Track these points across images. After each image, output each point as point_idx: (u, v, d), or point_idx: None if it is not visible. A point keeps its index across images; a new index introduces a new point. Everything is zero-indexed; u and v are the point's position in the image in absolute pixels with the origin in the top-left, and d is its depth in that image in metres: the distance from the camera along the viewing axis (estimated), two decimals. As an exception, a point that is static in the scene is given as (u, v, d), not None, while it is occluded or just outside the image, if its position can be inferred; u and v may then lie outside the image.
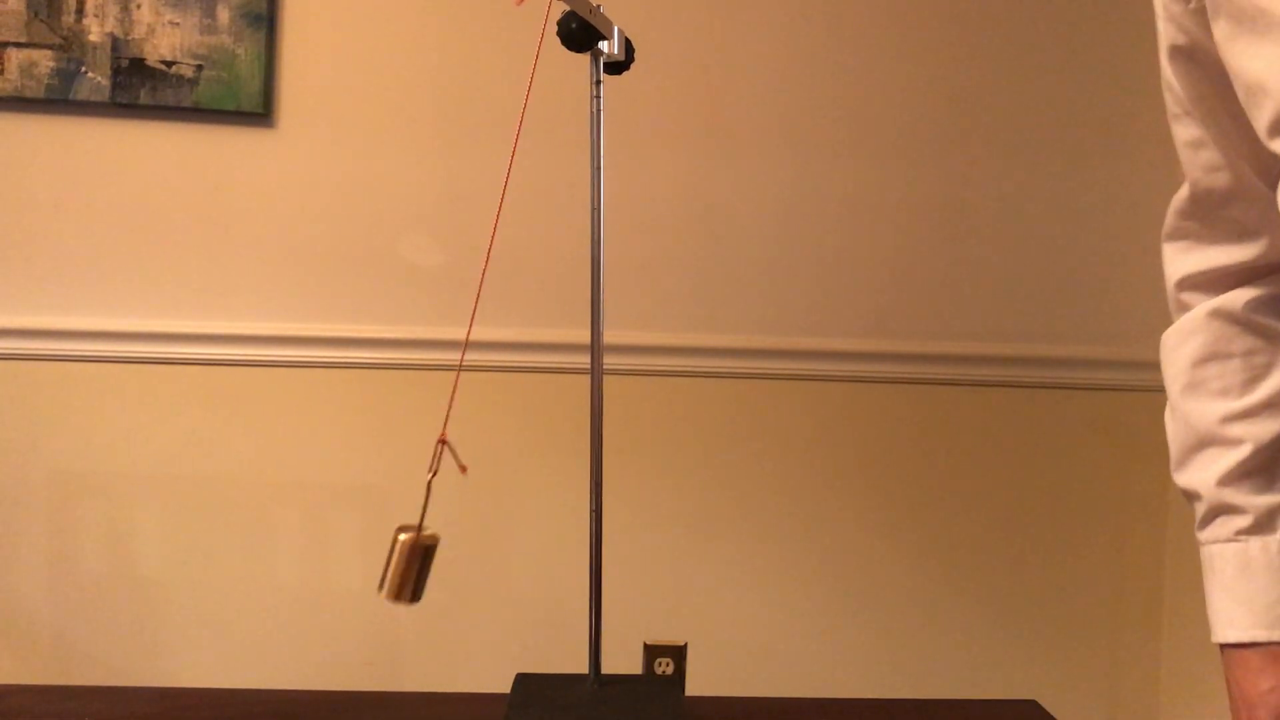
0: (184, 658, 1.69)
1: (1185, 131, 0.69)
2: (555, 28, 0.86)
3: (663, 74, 1.68)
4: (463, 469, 0.86)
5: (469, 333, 0.93)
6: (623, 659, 1.69)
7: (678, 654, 1.72)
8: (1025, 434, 1.75)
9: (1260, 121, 0.56)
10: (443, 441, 0.88)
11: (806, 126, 1.71)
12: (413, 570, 0.83)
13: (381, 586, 0.83)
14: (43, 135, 1.65)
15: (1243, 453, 0.69)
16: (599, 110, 0.91)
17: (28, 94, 1.61)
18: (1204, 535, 0.72)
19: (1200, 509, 0.72)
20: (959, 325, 1.73)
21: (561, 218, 1.68)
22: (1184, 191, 0.72)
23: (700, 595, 1.73)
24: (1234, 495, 0.69)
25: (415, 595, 0.83)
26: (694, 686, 1.11)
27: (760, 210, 1.71)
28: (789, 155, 1.71)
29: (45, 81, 1.61)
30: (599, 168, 0.91)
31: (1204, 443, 0.72)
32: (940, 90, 1.72)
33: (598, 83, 0.91)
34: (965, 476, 1.74)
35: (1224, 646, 0.69)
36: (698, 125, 1.70)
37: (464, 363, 1.69)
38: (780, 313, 1.72)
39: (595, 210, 0.91)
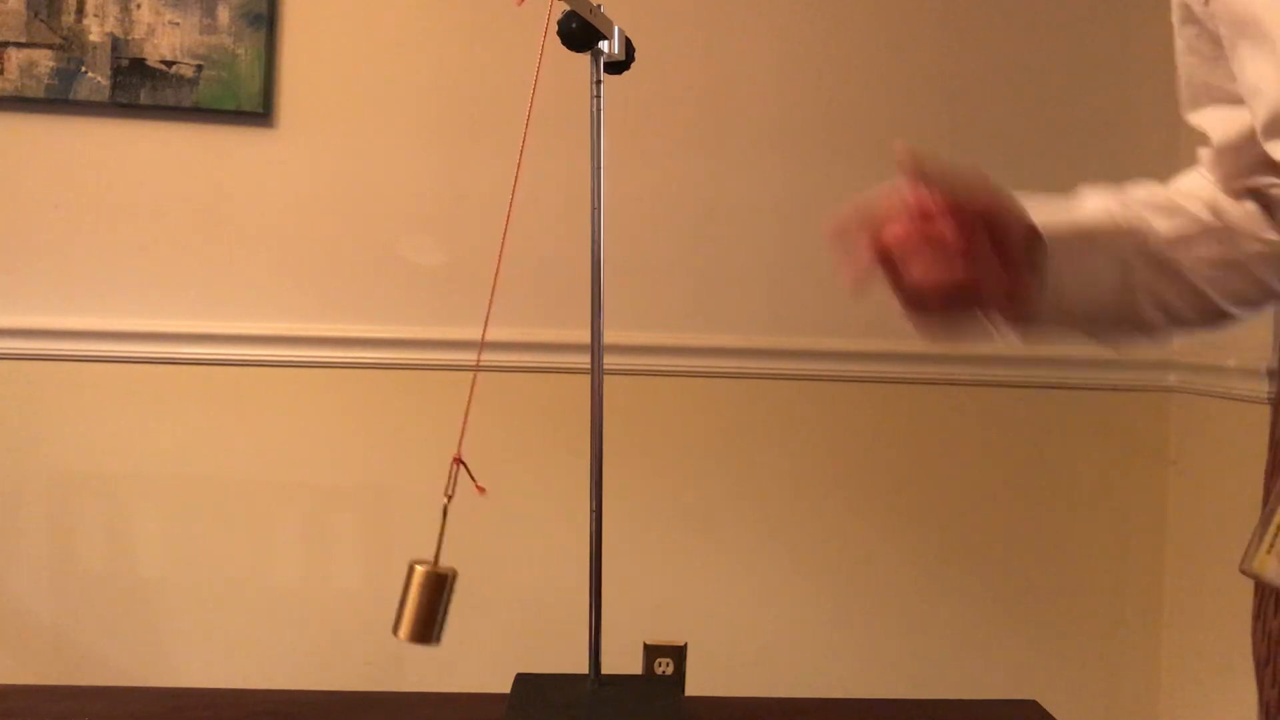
0: (184, 658, 1.69)
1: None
2: (555, 28, 0.86)
3: (663, 74, 1.68)
4: (480, 490, 0.80)
5: (484, 335, 0.93)
6: (623, 659, 1.68)
7: (678, 654, 1.72)
8: (1025, 434, 1.75)
9: (1257, 122, 0.58)
10: (458, 461, 0.83)
11: (806, 126, 1.71)
12: (432, 605, 0.78)
13: (397, 628, 0.76)
14: (43, 135, 1.64)
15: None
16: (599, 110, 0.91)
17: (28, 94, 1.61)
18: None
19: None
20: (959, 325, 1.73)
21: (561, 218, 1.68)
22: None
23: (700, 595, 1.73)
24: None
25: (437, 635, 0.77)
26: (694, 686, 1.11)
27: (760, 210, 1.71)
28: (789, 155, 1.71)
29: (45, 81, 1.61)
30: (599, 168, 0.91)
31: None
32: (939, 89, 1.72)
33: (598, 83, 0.91)
34: (965, 476, 1.74)
35: None
36: (698, 125, 1.70)
37: (462, 363, 1.69)
38: (780, 312, 1.72)
39: (595, 210, 0.91)
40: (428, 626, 0.78)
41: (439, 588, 0.79)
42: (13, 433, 1.67)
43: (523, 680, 0.96)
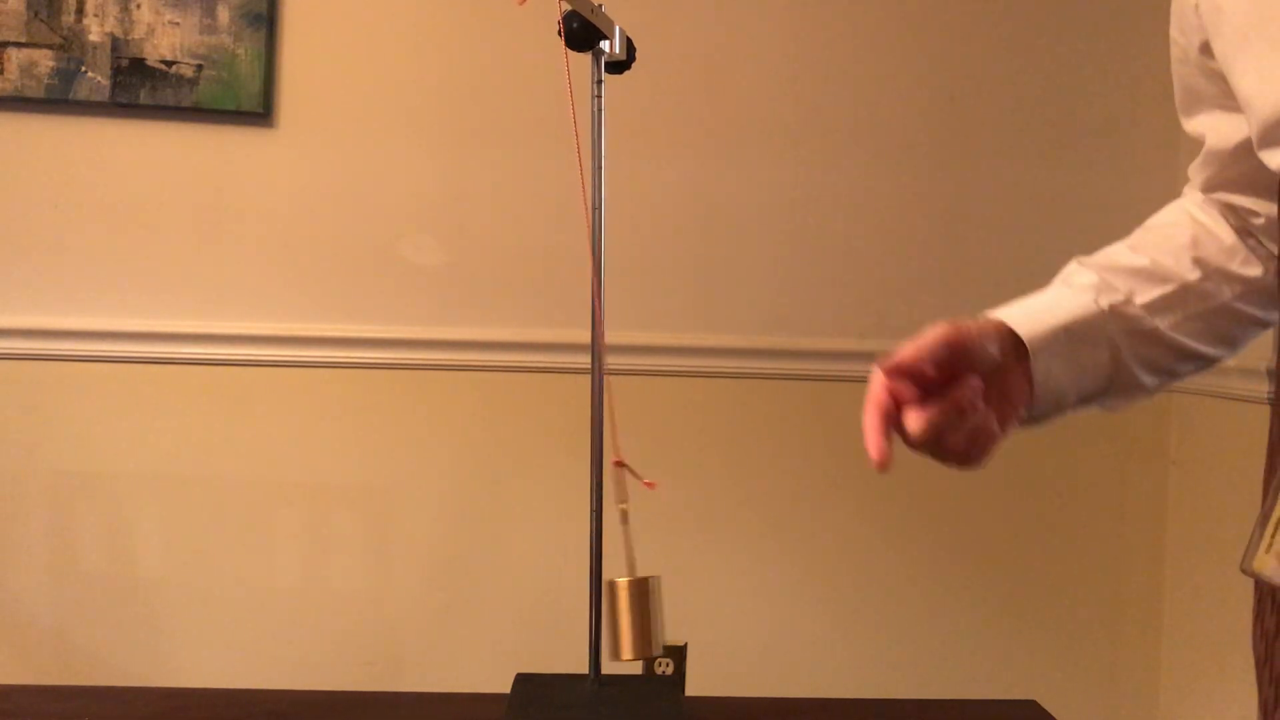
0: (184, 658, 1.69)
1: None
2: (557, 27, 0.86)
3: (663, 74, 1.68)
4: (649, 485, 0.84)
5: (598, 333, 0.94)
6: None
7: (678, 654, 1.72)
8: (1025, 434, 1.74)
9: (1251, 132, 0.59)
10: (619, 464, 0.88)
11: (807, 126, 1.71)
12: (644, 615, 0.80)
13: (617, 651, 0.77)
14: (43, 135, 1.64)
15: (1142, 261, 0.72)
16: (599, 110, 0.91)
17: (28, 94, 1.61)
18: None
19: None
20: (959, 325, 1.73)
21: (561, 218, 1.68)
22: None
23: (700, 595, 1.73)
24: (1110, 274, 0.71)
25: (658, 644, 0.78)
26: (694, 686, 1.11)
27: (760, 210, 1.71)
28: (789, 155, 1.71)
29: (45, 81, 1.61)
30: (599, 168, 0.91)
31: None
32: (940, 90, 1.72)
33: (599, 82, 0.91)
34: (965, 476, 1.74)
35: None
36: (698, 125, 1.70)
37: (463, 363, 1.69)
38: (780, 313, 1.72)
39: (595, 210, 0.91)
40: (645, 637, 0.78)
41: (644, 595, 0.80)
42: (13, 433, 1.67)
43: (523, 680, 0.96)
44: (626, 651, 0.77)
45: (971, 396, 0.61)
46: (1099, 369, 0.70)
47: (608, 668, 0.94)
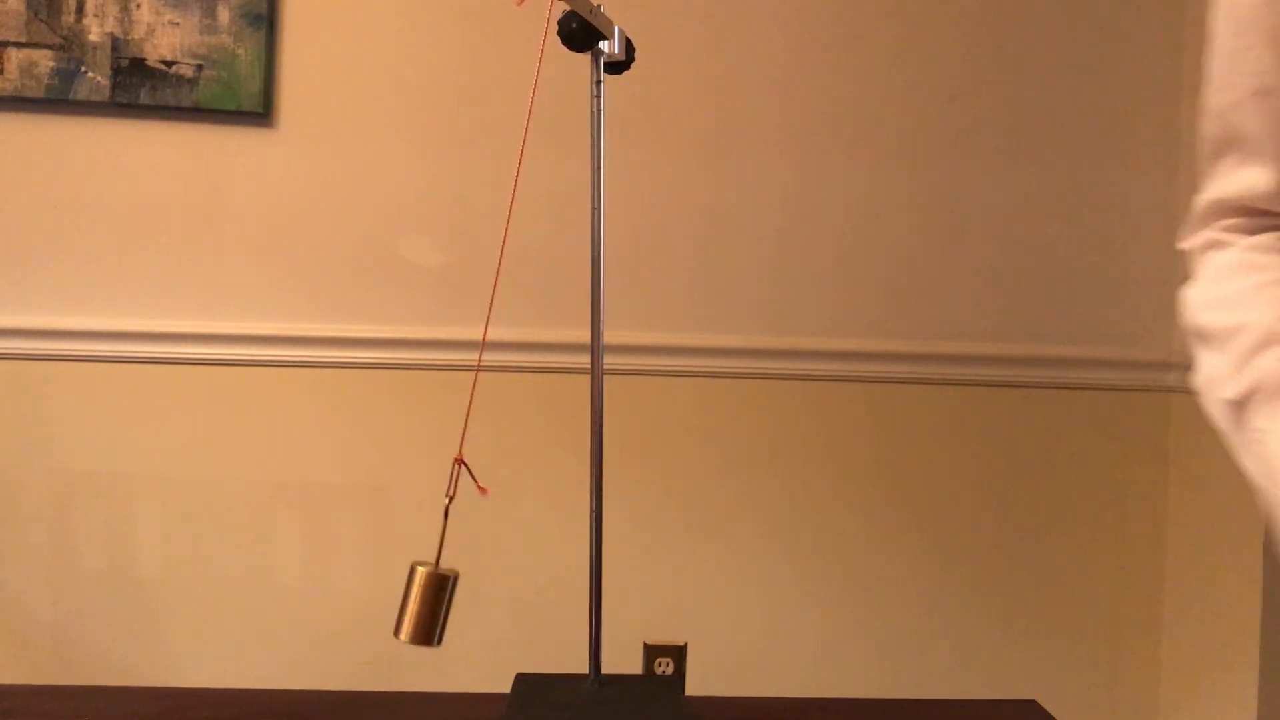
0: (184, 657, 1.69)
1: None
2: (556, 28, 0.86)
3: (663, 74, 1.68)
4: (482, 491, 0.82)
5: (485, 335, 0.93)
6: (623, 659, 1.69)
7: (678, 654, 1.72)
8: (1025, 434, 1.75)
9: None
10: (459, 462, 0.84)
11: (807, 126, 1.71)
12: (433, 607, 0.79)
13: (398, 630, 0.77)
14: (43, 135, 1.65)
15: None
16: (599, 110, 0.91)
17: (28, 94, 1.61)
18: (1253, 372, 0.61)
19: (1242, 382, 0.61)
20: (959, 325, 1.73)
21: (561, 218, 1.68)
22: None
23: (700, 595, 1.73)
24: None
25: (438, 637, 0.78)
26: (694, 686, 1.12)
27: (760, 210, 1.71)
28: (789, 155, 1.71)
29: (45, 81, 1.61)
30: (599, 168, 0.91)
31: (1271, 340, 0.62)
32: (941, 91, 1.72)
33: (598, 83, 0.91)
34: (965, 476, 1.74)
35: None
36: (698, 125, 1.70)
37: (462, 363, 1.69)
38: (780, 313, 1.72)
39: (595, 210, 0.91)
40: (429, 628, 0.78)
41: (440, 589, 0.79)
42: (13, 432, 1.67)
43: (523, 680, 0.96)
44: (404, 634, 0.78)
45: None
46: None
47: (608, 667, 0.94)
